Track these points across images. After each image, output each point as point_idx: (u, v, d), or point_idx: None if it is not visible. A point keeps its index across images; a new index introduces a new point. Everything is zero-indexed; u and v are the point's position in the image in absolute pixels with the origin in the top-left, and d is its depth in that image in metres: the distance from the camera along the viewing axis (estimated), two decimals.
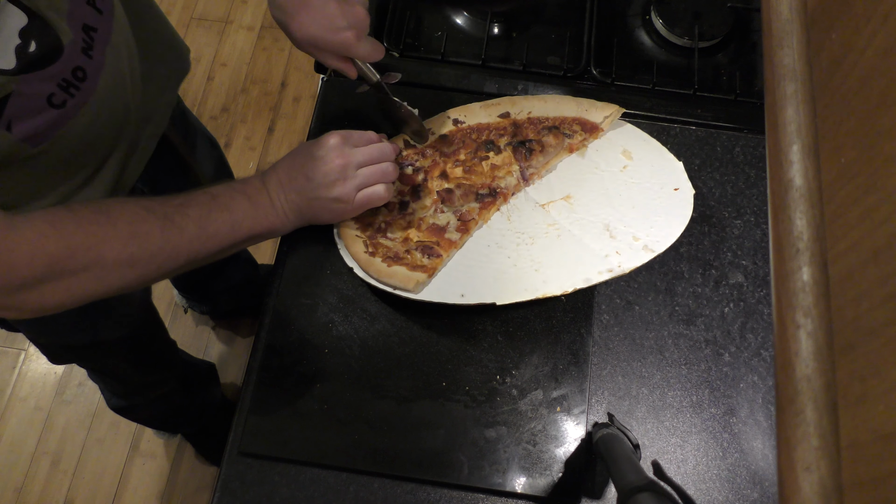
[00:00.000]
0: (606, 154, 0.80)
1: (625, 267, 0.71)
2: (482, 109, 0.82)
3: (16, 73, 0.54)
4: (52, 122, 0.60)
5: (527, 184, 0.78)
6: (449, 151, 0.80)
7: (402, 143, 0.80)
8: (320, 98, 0.86)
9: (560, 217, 0.76)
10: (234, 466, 0.68)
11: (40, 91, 0.58)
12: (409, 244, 0.74)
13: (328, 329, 0.72)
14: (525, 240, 0.75)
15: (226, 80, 1.94)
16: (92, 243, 0.57)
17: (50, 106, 0.59)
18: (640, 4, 0.94)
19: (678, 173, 0.78)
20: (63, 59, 0.58)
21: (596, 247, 0.73)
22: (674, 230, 0.74)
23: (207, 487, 1.49)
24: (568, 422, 0.69)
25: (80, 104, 0.63)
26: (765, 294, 0.75)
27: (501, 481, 0.66)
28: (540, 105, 0.82)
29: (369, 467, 0.67)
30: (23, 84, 0.55)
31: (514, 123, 0.81)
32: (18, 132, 0.57)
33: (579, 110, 0.81)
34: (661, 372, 0.72)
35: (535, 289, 0.70)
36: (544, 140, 0.79)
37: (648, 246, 0.73)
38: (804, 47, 0.38)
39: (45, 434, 1.54)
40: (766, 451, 0.69)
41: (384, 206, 0.75)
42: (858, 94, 0.32)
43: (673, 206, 0.75)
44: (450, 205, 0.76)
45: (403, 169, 0.78)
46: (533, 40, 0.90)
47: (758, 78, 0.89)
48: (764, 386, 0.71)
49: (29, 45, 0.54)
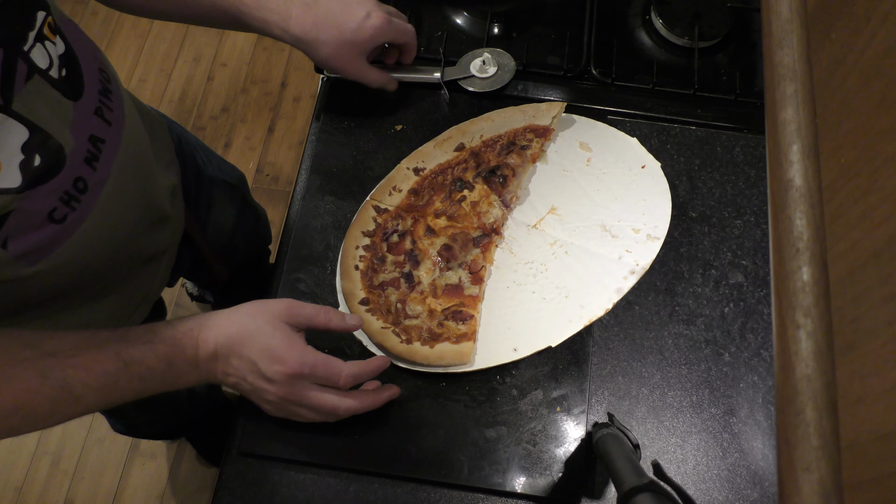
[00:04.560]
0: (566, 153, 0.81)
1: (643, 263, 0.73)
2: (436, 148, 0.80)
3: (21, 190, 0.51)
4: (51, 239, 0.57)
5: (509, 210, 0.77)
6: (423, 204, 0.78)
7: (374, 211, 0.77)
8: (320, 98, 0.86)
9: (556, 232, 0.76)
10: (234, 466, 0.68)
11: (42, 207, 0.55)
12: (437, 315, 0.72)
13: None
14: (538, 268, 0.74)
15: (226, 80, 1.94)
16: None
17: (50, 221, 0.56)
18: (640, 4, 0.94)
19: (636, 149, 0.80)
20: (66, 169, 0.56)
21: (606, 252, 0.74)
22: (664, 210, 0.76)
23: (207, 487, 1.49)
24: (568, 422, 0.69)
25: (81, 219, 0.59)
26: (765, 294, 0.75)
27: (501, 481, 0.66)
28: (488, 125, 0.81)
29: (369, 467, 0.67)
30: (25, 201, 0.52)
31: (472, 152, 0.79)
32: (14, 249, 0.54)
33: (526, 118, 0.81)
34: (661, 372, 0.72)
35: (579, 317, 0.70)
36: (510, 162, 0.78)
37: (651, 234, 0.74)
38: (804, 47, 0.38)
39: (45, 434, 1.54)
40: (766, 451, 0.69)
41: (390, 286, 0.73)
42: (858, 94, 0.32)
43: (649, 185, 0.78)
44: (454, 261, 0.74)
45: (388, 238, 0.76)
46: (533, 40, 0.90)
47: (758, 78, 0.89)
48: (764, 386, 0.71)
49: (33, 159, 0.52)
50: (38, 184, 0.53)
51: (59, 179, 0.55)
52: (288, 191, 1.80)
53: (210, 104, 1.90)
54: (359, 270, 0.74)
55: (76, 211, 0.58)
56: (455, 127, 0.81)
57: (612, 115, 0.84)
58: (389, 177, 0.79)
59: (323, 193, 0.79)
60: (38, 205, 0.54)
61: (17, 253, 0.54)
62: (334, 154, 0.82)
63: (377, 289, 0.73)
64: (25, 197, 0.52)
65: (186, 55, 1.96)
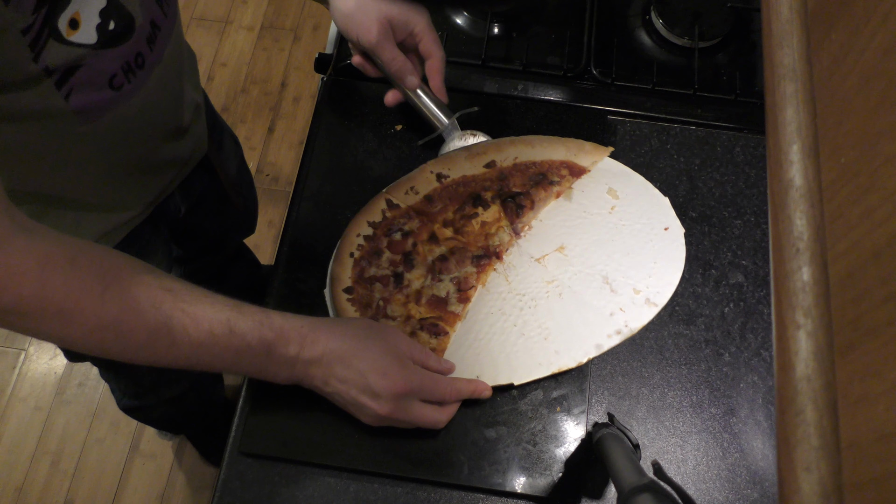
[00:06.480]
0: (592, 195, 0.78)
1: (632, 326, 0.71)
2: (467, 161, 0.78)
3: (95, 48, 0.58)
4: (106, 103, 0.63)
5: (518, 237, 0.76)
6: (435, 211, 0.76)
7: (385, 204, 0.76)
8: (320, 98, 0.86)
9: (557, 272, 0.74)
10: (234, 466, 0.68)
11: (107, 69, 0.61)
12: (413, 323, 0.71)
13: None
14: (528, 302, 0.72)
15: (226, 80, 1.94)
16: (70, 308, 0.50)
17: (109, 87, 0.62)
18: (640, 4, 0.94)
19: (665, 209, 0.77)
20: (133, 40, 0.62)
21: (599, 304, 0.72)
22: (672, 278, 0.74)
23: (207, 487, 1.49)
24: (568, 422, 0.69)
25: (134, 92, 0.65)
26: (765, 294, 0.75)
27: (501, 481, 0.66)
28: (527, 150, 0.78)
29: (369, 467, 0.67)
30: (96, 59, 0.59)
31: (500, 173, 0.77)
32: (75, 103, 0.60)
33: (568, 154, 0.78)
34: (661, 372, 0.72)
35: (550, 362, 0.69)
36: (533, 194, 0.76)
37: (650, 299, 0.72)
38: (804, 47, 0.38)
39: (45, 434, 1.54)
40: (766, 451, 0.69)
41: (378, 282, 0.72)
42: (858, 94, 0.32)
43: (666, 249, 0.75)
44: (446, 273, 0.73)
45: (392, 235, 0.75)
46: (533, 40, 0.90)
47: (758, 78, 0.89)
48: (764, 386, 0.71)
49: (108, 23, 0.58)
50: (109, 46, 0.59)
51: (126, 47, 0.61)
52: (288, 191, 1.80)
53: None
54: (353, 258, 0.73)
55: (131, 83, 0.64)
56: (493, 142, 0.79)
57: (612, 115, 0.84)
58: (411, 176, 0.78)
59: (323, 193, 0.79)
60: (104, 65, 0.60)
61: (76, 107, 0.60)
62: (334, 154, 0.82)
63: (365, 281, 0.73)
64: (97, 55, 0.58)
65: None
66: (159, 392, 1.15)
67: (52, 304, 0.49)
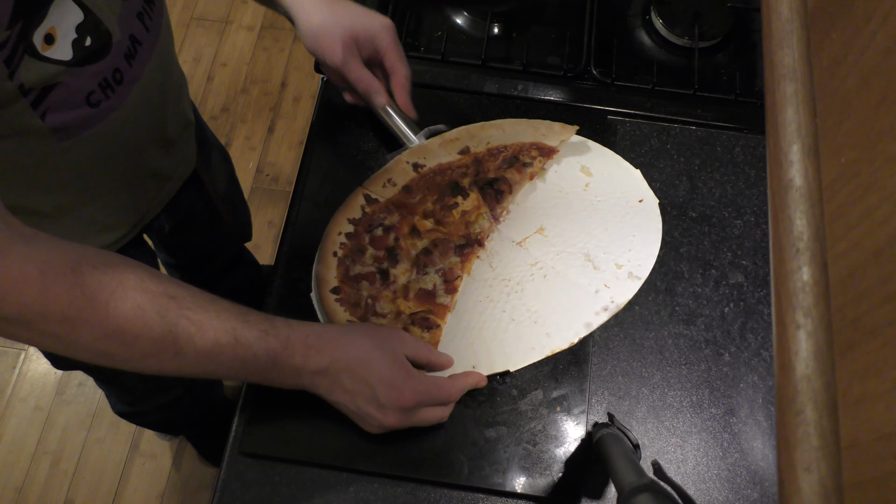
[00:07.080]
0: (566, 174, 0.79)
1: (618, 301, 0.72)
2: (441, 148, 0.78)
3: (70, 65, 0.57)
4: (83, 120, 0.62)
5: (498, 223, 0.76)
6: (414, 202, 0.76)
7: (364, 199, 0.76)
8: (320, 98, 0.86)
9: (540, 254, 0.75)
10: (234, 466, 0.68)
11: (84, 86, 0.60)
12: (404, 319, 0.71)
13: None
14: (514, 287, 0.73)
15: (226, 80, 1.94)
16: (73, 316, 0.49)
17: (87, 104, 0.61)
18: (640, 4, 0.94)
19: (638, 182, 0.78)
20: (109, 56, 0.61)
21: (584, 282, 0.73)
22: (651, 249, 0.74)
23: (207, 487, 1.49)
24: (568, 422, 0.69)
25: (113, 108, 0.64)
26: (765, 294, 0.75)
27: (501, 481, 0.66)
28: (497, 133, 0.79)
29: (369, 467, 0.67)
30: (71, 77, 0.58)
31: (475, 159, 0.78)
32: (51, 121, 0.59)
33: (536, 135, 0.79)
34: (661, 372, 0.72)
35: (542, 345, 0.70)
36: (509, 178, 0.77)
37: (633, 273, 0.73)
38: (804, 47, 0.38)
39: (45, 434, 1.54)
40: (766, 451, 0.69)
41: (365, 280, 0.72)
42: (858, 94, 0.32)
43: (643, 222, 0.76)
44: (431, 266, 0.73)
45: (374, 231, 0.74)
46: (533, 40, 0.90)
47: (758, 78, 0.89)
48: (764, 386, 0.71)
49: (84, 39, 0.57)
50: (86, 63, 0.59)
51: (103, 64, 0.61)
52: (288, 191, 1.80)
53: (210, 104, 1.90)
54: (336, 257, 0.73)
55: (109, 100, 0.63)
56: (464, 128, 0.80)
57: (612, 116, 0.84)
58: (387, 168, 0.78)
59: (323, 193, 0.79)
60: (81, 83, 0.60)
61: (53, 125, 0.59)
62: (334, 154, 0.82)
63: (352, 280, 0.72)
64: (73, 73, 0.58)
65: (186, 55, 1.96)
66: (153, 398, 1.15)
67: (56, 313, 0.48)
